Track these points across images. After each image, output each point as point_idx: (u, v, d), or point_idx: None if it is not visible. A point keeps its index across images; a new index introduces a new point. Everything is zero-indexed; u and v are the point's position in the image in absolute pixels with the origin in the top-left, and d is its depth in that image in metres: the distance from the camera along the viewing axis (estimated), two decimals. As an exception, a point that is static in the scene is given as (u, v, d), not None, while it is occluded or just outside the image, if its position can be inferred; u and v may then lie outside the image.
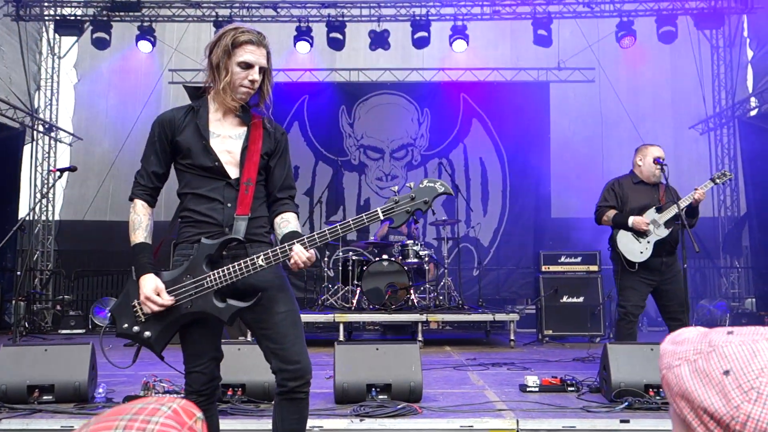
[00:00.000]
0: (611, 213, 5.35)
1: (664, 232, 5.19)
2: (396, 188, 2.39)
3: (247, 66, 2.49)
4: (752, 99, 11.82)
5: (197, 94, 2.66)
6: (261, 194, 2.64)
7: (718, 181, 5.51)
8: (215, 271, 2.43)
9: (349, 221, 2.40)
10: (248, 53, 2.48)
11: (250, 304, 2.45)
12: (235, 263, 2.42)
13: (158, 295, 2.41)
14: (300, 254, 2.40)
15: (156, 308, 2.41)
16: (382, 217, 2.37)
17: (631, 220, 5.21)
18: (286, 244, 2.42)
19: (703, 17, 11.04)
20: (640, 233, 5.20)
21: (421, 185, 2.39)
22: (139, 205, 2.58)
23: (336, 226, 2.41)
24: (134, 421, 1.03)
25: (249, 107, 2.60)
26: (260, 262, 2.41)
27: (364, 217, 2.40)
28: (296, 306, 2.61)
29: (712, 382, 0.78)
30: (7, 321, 10.67)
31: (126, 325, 2.50)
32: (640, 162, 5.38)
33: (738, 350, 0.79)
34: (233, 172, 2.55)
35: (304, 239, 2.41)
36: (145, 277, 2.45)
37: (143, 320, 2.48)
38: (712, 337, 0.84)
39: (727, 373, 0.78)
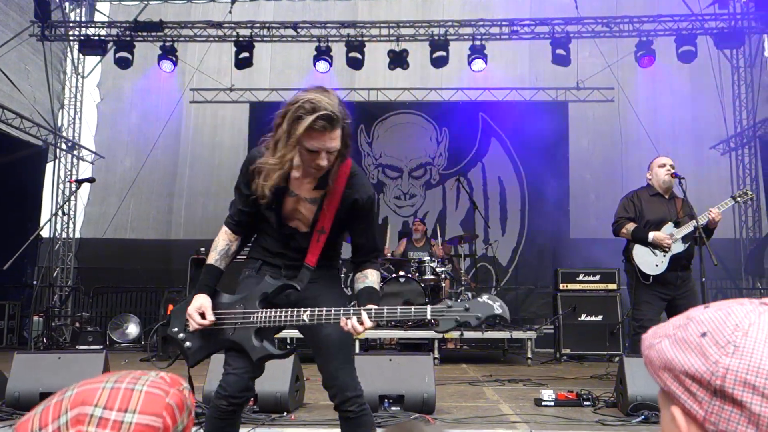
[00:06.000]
0: (630, 226, 5.27)
1: (681, 247, 5.13)
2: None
3: (315, 152, 2.35)
4: (774, 118, 11.68)
5: None
6: (335, 247, 2.71)
7: (739, 199, 5.45)
8: (263, 310, 2.48)
9: (396, 309, 2.36)
10: (315, 141, 2.31)
11: (283, 353, 2.55)
12: (283, 310, 2.46)
13: (201, 314, 2.50)
14: (358, 323, 2.35)
15: (195, 326, 2.51)
16: (429, 316, 2.31)
17: (652, 235, 5.13)
18: (332, 309, 2.39)
19: (723, 37, 10.96)
20: (657, 247, 5.13)
21: (479, 299, 2.28)
22: (223, 230, 2.69)
23: (383, 310, 2.36)
24: (122, 380, 1.03)
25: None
26: (305, 317, 2.42)
27: (413, 309, 2.36)
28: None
29: (691, 346, 0.80)
30: (27, 336, 10.74)
31: (176, 329, 2.61)
32: (649, 176, 5.44)
33: (712, 315, 0.81)
34: (303, 229, 2.59)
35: (360, 311, 2.35)
36: (198, 296, 2.55)
37: (190, 330, 2.57)
38: (689, 312, 0.87)
39: (704, 335, 0.79)
